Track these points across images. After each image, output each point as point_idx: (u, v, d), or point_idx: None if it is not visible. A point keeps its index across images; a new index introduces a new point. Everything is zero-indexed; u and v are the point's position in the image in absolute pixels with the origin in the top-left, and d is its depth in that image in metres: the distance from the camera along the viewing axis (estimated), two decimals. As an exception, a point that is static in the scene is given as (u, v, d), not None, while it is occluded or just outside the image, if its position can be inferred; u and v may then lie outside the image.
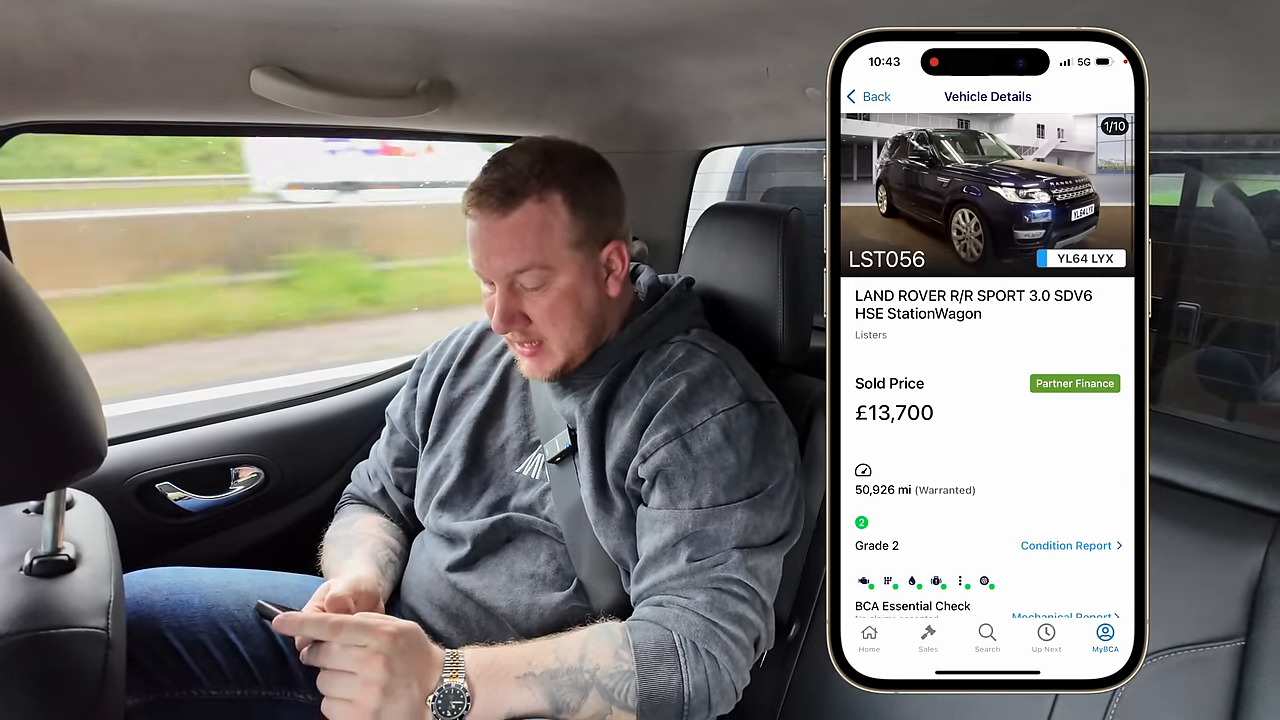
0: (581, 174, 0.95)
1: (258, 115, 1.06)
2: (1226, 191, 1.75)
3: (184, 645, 0.89)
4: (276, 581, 1.02)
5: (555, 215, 0.92)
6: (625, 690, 0.81)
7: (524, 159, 0.93)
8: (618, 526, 0.94)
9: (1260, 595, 0.76)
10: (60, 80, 0.93)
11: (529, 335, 0.96)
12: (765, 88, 1.16)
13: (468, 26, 0.99)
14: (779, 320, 1.11)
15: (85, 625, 0.66)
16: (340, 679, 0.76)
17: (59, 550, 0.73)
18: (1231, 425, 1.54)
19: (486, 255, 0.93)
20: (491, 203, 0.91)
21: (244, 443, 1.29)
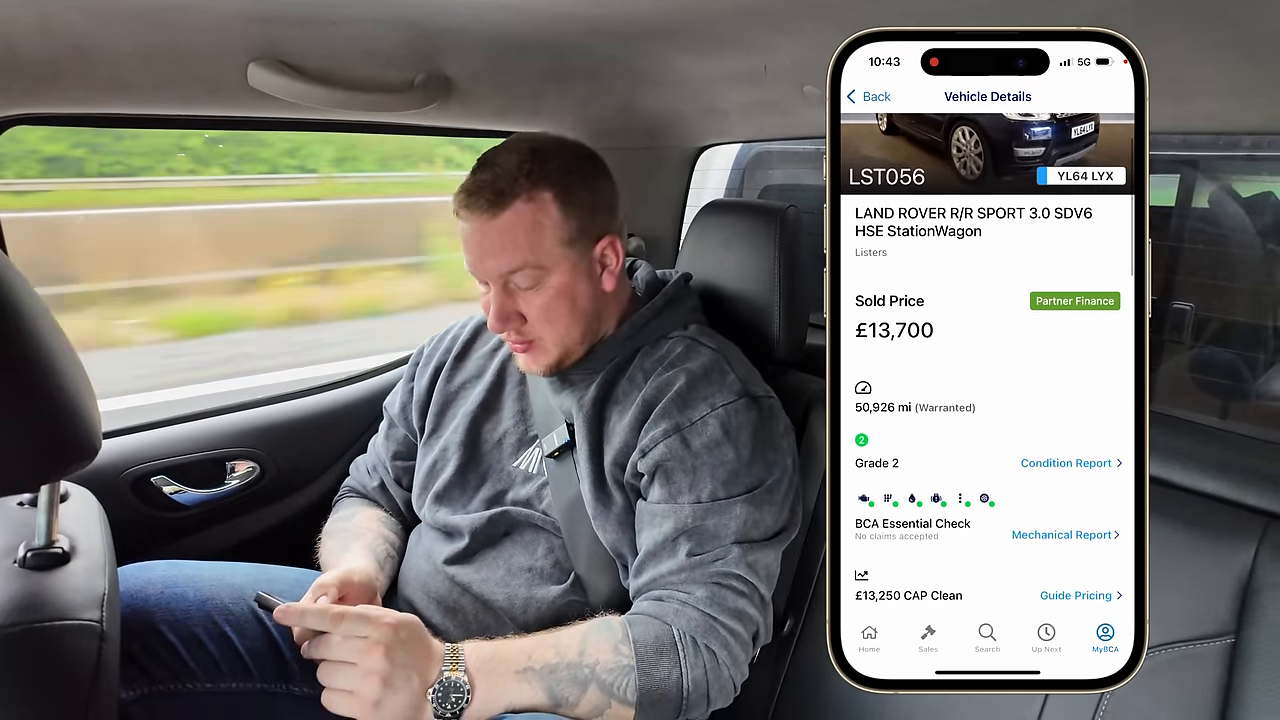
0: (571, 171, 0.94)
1: (254, 109, 1.06)
2: (1222, 192, 1.76)
3: (179, 638, 0.89)
4: (272, 575, 1.01)
5: (546, 214, 0.92)
6: (625, 685, 0.81)
7: (512, 159, 0.92)
8: (616, 521, 0.94)
9: (1251, 593, 0.77)
10: (56, 72, 0.92)
11: (524, 333, 0.96)
12: (763, 85, 1.16)
13: (465, 21, 0.99)
14: (776, 317, 1.11)
15: (79, 618, 0.66)
16: (341, 670, 0.77)
17: (53, 543, 0.73)
18: (1224, 424, 1.55)
19: (479, 257, 0.93)
20: (481, 204, 0.91)
21: (240, 436, 1.29)
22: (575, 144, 0.98)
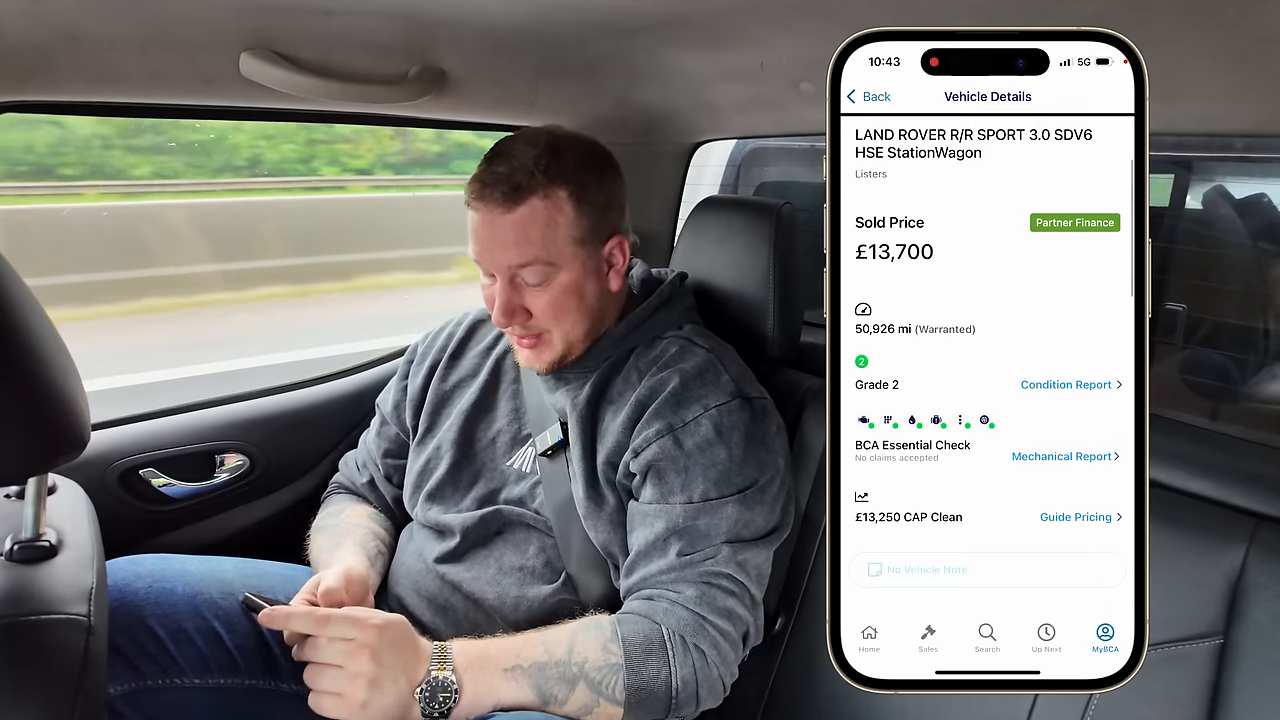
0: (587, 169, 0.94)
1: (247, 99, 1.05)
2: (1215, 194, 1.76)
3: (167, 633, 0.88)
4: (262, 569, 1.01)
5: (560, 212, 0.91)
6: (613, 684, 0.81)
7: (529, 152, 0.91)
8: (608, 521, 0.94)
9: (1239, 593, 0.77)
10: (47, 60, 0.91)
11: (530, 328, 0.96)
12: (759, 82, 1.16)
13: (461, 14, 0.98)
14: (770, 315, 1.11)
15: (66, 612, 0.65)
16: (327, 672, 0.76)
17: (40, 536, 0.72)
18: (1215, 425, 1.56)
19: (488, 249, 0.92)
20: (496, 197, 0.90)
21: (231, 429, 1.28)
22: (591, 141, 0.97)
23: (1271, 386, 1.59)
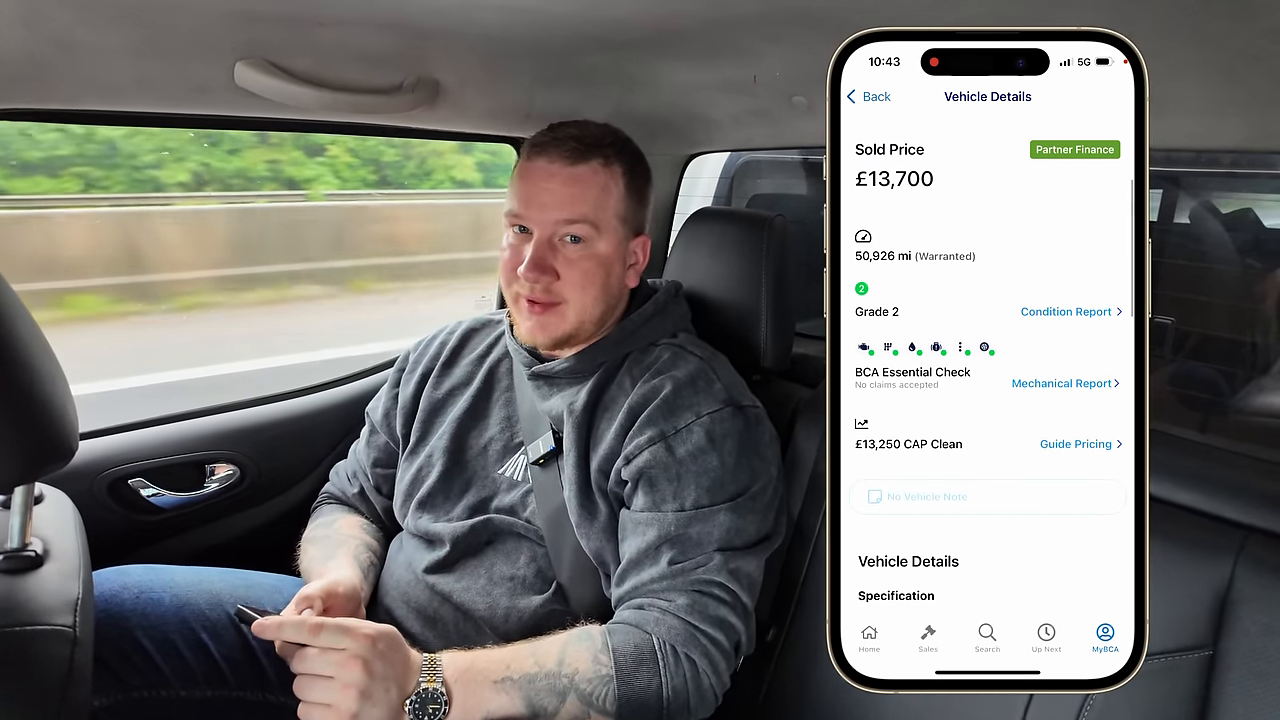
0: (639, 162, 1.02)
1: (241, 108, 1.05)
2: (1202, 209, 1.78)
3: (154, 644, 0.87)
4: (251, 581, 1.00)
5: (615, 184, 0.98)
6: (604, 695, 0.81)
7: (598, 128, 0.99)
8: (600, 529, 0.94)
9: (1228, 606, 0.77)
10: (38, 68, 0.91)
11: (551, 293, 0.96)
12: (752, 94, 1.16)
13: (456, 24, 0.98)
14: (763, 325, 1.12)
15: (52, 623, 0.65)
16: (318, 683, 0.76)
17: (26, 546, 0.71)
18: (1203, 438, 1.57)
19: (541, 201, 0.95)
20: (565, 151, 0.95)
21: (221, 439, 1.27)
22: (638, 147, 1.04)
23: (1258, 399, 1.60)
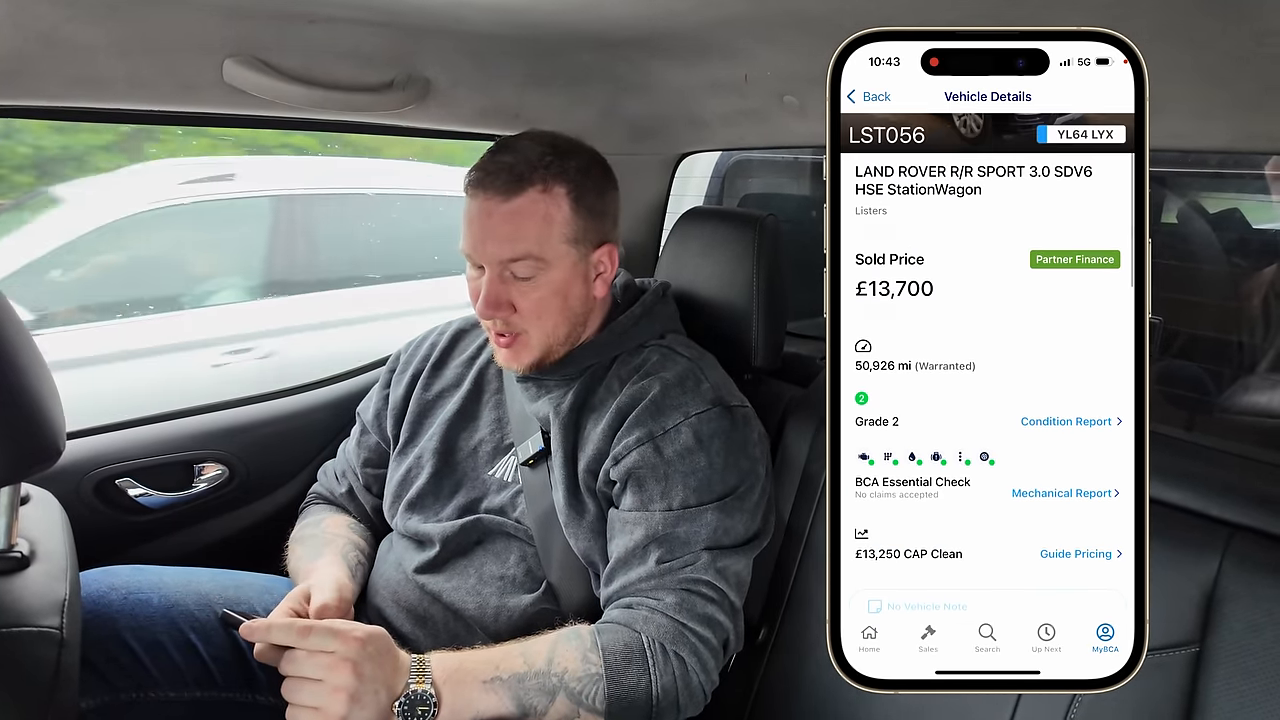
0: (587, 173, 0.96)
1: (229, 106, 1.04)
2: (1190, 209, 1.80)
3: (142, 646, 0.87)
4: (240, 581, 1.00)
5: (557, 209, 0.93)
6: (593, 694, 0.81)
7: (534, 148, 0.93)
8: (589, 529, 0.94)
9: (1215, 603, 0.78)
10: (24, 64, 0.90)
11: (511, 325, 0.95)
12: (744, 94, 1.17)
13: (447, 23, 0.98)
14: (753, 325, 1.12)
15: (38, 624, 0.64)
16: (307, 686, 0.75)
17: (12, 547, 0.71)
18: (1190, 436, 1.58)
19: (482, 238, 0.93)
20: (497, 185, 0.91)
21: (209, 439, 1.26)
22: (592, 150, 1.00)
23: (1245, 397, 1.61)
